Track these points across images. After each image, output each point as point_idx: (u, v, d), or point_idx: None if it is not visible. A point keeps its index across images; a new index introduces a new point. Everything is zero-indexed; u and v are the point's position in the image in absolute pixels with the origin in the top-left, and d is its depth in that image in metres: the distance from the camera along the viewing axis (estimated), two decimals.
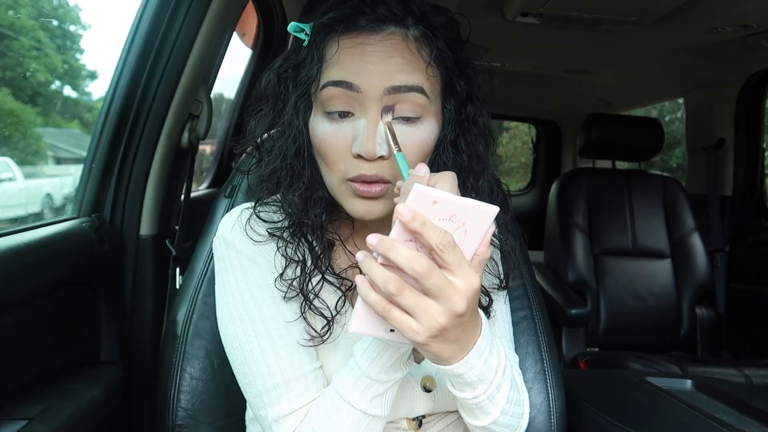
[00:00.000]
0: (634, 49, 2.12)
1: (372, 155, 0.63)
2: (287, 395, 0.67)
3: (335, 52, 0.65)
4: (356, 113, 0.65)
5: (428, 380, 0.73)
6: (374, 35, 0.65)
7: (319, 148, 0.68)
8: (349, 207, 0.68)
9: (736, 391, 1.05)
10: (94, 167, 1.18)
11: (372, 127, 0.64)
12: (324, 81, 0.65)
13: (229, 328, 0.70)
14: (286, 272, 0.71)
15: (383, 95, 0.63)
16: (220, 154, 2.03)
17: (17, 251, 0.88)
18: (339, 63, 0.65)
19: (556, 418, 0.93)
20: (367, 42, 0.64)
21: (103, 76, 2.73)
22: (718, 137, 2.46)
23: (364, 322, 0.55)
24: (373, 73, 0.63)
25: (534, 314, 0.98)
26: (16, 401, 0.86)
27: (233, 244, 0.72)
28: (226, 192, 0.98)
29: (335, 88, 0.64)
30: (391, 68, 0.64)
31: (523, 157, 3.93)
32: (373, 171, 0.65)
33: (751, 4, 1.56)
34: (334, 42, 0.65)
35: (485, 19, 1.84)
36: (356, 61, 0.64)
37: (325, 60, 0.66)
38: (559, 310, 2.07)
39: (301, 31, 0.69)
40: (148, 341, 1.25)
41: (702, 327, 2.25)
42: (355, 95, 0.64)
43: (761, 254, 2.30)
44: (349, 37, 0.65)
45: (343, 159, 0.66)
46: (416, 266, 0.49)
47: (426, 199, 0.50)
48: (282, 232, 0.72)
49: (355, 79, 0.63)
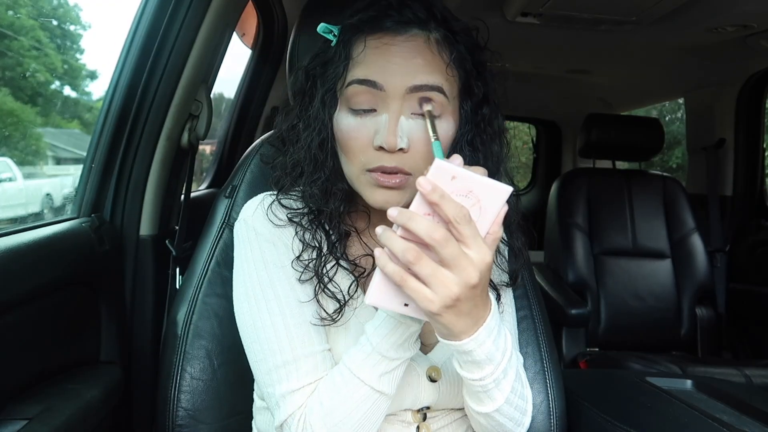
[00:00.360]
0: (634, 49, 2.12)
1: (393, 147, 0.66)
2: (296, 372, 0.68)
3: (362, 51, 0.69)
4: (379, 109, 0.69)
5: (434, 370, 0.75)
6: (399, 36, 0.69)
7: (342, 140, 0.71)
8: (368, 197, 0.71)
9: (736, 391, 1.05)
10: (94, 167, 1.18)
11: (393, 122, 0.67)
12: (350, 79, 0.69)
13: (244, 306, 0.73)
14: (303, 255, 0.73)
15: (405, 93, 0.67)
16: (220, 154, 2.03)
17: (17, 251, 0.88)
18: (365, 62, 0.69)
19: (556, 418, 0.93)
20: (392, 43, 0.69)
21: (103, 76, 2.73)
22: (718, 137, 2.46)
23: (382, 294, 0.57)
24: (396, 72, 0.67)
25: (534, 314, 0.99)
26: (16, 401, 0.86)
27: (253, 227, 0.75)
28: (226, 192, 0.98)
29: (360, 86, 0.68)
30: (413, 68, 0.68)
31: (523, 157, 3.93)
32: (393, 163, 0.68)
33: (751, 4, 1.57)
34: (361, 42, 0.70)
35: (485, 19, 1.84)
36: (381, 61, 0.68)
37: (352, 58, 0.70)
38: (559, 310, 2.07)
39: (330, 32, 0.74)
40: (148, 341, 1.25)
41: (702, 327, 2.25)
42: (378, 93, 0.68)
43: (761, 254, 2.30)
44: (376, 38, 0.69)
45: (364, 151, 0.69)
46: (434, 234, 0.51)
47: (445, 174, 0.53)
48: (301, 218, 0.75)
49: (379, 78, 0.68)
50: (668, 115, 7.08)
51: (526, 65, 2.59)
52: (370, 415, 0.65)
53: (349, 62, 0.70)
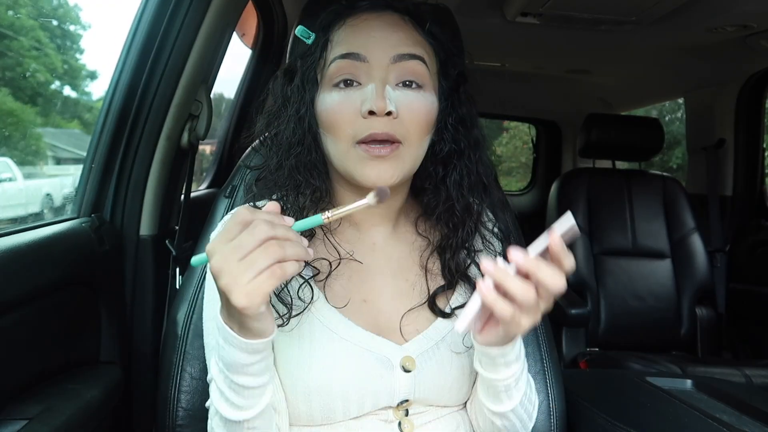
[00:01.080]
0: (634, 49, 2.12)
1: (382, 110, 0.67)
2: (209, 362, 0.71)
3: (340, 30, 0.72)
4: (363, 82, 0.70)
5: (408, 360, 0.73)
6: (376, 14, 0.73)
7: (328, 117, 0.71)
8: (359, 173, 0.70)
9: (736, 391, 1.05)
10: (94, 167, 1.18)
11: (380, 88, 0.68)
12: (332, 56, 0.71)
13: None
14: None
15: (389, 63, 0.70)
16: (220, 154, 2.03)
17: (17, 251, 0.88)
18: (345, 40, 0.71)
19: (556, 418, 0.93)
20: (370, 19, 0.72)
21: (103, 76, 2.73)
22: (718, 137, 2.46)
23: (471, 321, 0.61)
24: (377, 45, 0.70)
25: None
26: (16, 401, 0.86)
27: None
28: (226, 192, 0.98)
29: (343, 60, 0.70)
30: (394, 40, 0.71)
31: (523, 157, 3.93)
32: (383, 129, 0.68)
33: (751, 4, 1.57)
34: (340, 23, 0.72)
35: (485, 19, 1.85)
36: (362, 36, 0.71)
37: (331, 41, 0.72)
38: (559, 310, 2.07)
39: (308, 36, 0.76)
40: (148, 341, 1.25)
41: (702, 327, 2.25)
42: (361, 65, 0.69)
43: (761, 254, 2.30)
44: (354, 17, 0.72)
45: (352, 122, 0.69)
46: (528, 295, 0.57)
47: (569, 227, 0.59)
48: None
49: (362, 50, 0.70)
50: (668, 115, 7.08)
51: (526, 65, 2.59)
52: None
53: (327, 45, 0.72)
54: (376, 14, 0.72)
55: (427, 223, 0.82)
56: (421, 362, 0.73)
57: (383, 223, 0.80)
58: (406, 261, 0.80)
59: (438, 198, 0.78)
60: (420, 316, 0.77)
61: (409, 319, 0.76)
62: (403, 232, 0.82)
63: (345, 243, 0.78)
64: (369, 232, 0.80)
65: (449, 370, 0.75)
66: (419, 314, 0.77)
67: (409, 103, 0.69)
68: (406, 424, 0.74)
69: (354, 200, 0.60)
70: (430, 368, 0.74)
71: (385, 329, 0.75)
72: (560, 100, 3.22)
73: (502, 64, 2.53)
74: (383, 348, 0.72)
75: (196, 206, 1.38)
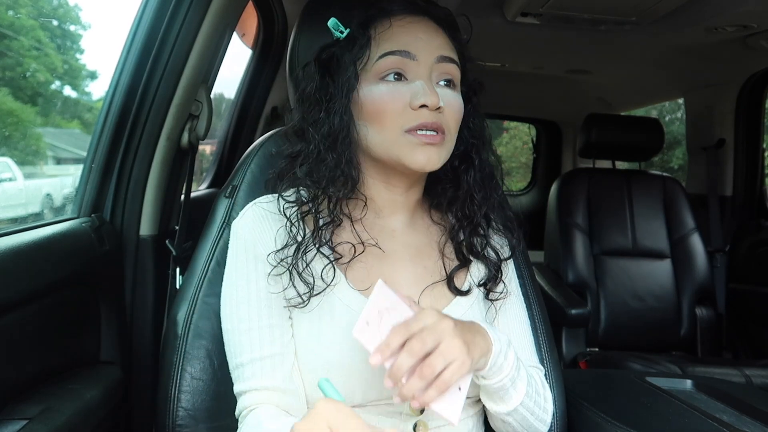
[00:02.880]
0: (634, 49, 2.12)
1: (435, 104, 0.73)
2: (241, 377, 0.76)
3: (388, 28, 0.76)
4: (410, 78, 0.75)
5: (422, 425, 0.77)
6: (418, 18, 0.78)
7: (376, 108, 0.75)
8: (409, 158, 0.74)
9: (736, 391, 1.05)
10: (94, 167, 1.18)
11: (430, 85, 0.74)
12: (381, 52, 0.75)
13: (221, 310, 0.80)
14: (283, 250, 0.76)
15: (434, 63, 0.75)
16: (220, 154, 2.03)
17: (17, 251, 0.88)
18: (392, 38, 0.75)
19: (556, 418, 0.93)
20: (415, 22, 0.77)
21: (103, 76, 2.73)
22: (718, 137, 2.46)
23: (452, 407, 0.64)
24: (424, 46, 0.75)
25: (534, 314, 0.99)
26: (16, 401, 0.86)
27: (236, 232, 0.80)
28: (226, 192, 0.98)
29: (393, 56, 0.74)
30: (438, 43, 0.77)
31: (523, 157, 3.94)
32: (433, 119, 0.73)
33: (751, 4, 1.56)
34: (386, 21, 0.76)
35: (485, 19, 1.84)
36: (409, 36, 0.75)
37: (374, 38, 0.76)
38: (559, 310, 2.07)
39: (338, 29, 0.79)
40: (148, 341, 1.25)
41: (702, 327, 2.25)
42: (410, 63, 0.75)
43: (761, 254, 2.30)
44: (400, 17, 0.77)
45: (402, 113, 0.74)
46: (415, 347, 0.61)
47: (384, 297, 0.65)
48: (293, 210, 0.78)
49: (411, 49, 0.75)
50: (668, 115, 7.08)
51: (526, 65, 2.59)
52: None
53: (369, 42, 0.76)
54: (418, 17, 0.78)
55: (440, 212, 0.87)
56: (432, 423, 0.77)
57: (403, 211, 0.84)
58: (425, 248, 0.84)
59: (456, 189, 0.84)
60: (438, 294, 0.81)
61: (428, 299, 0.80)
62: (419, 221, 0.86)
63: (368, 229, 0.81)
64: (389, 219, 0.83)
65: None
66: (438, 292, 0.81)
67: (450, 100, 0.76)
68: (420, 427, 0.76)
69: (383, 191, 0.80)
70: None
71: None
72: (560, 100, 3.22)
73: (502, 64, 2.53)
74: None
75: (196, 206, 1.38)
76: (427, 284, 0.81)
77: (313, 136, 0.77)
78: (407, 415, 0.76)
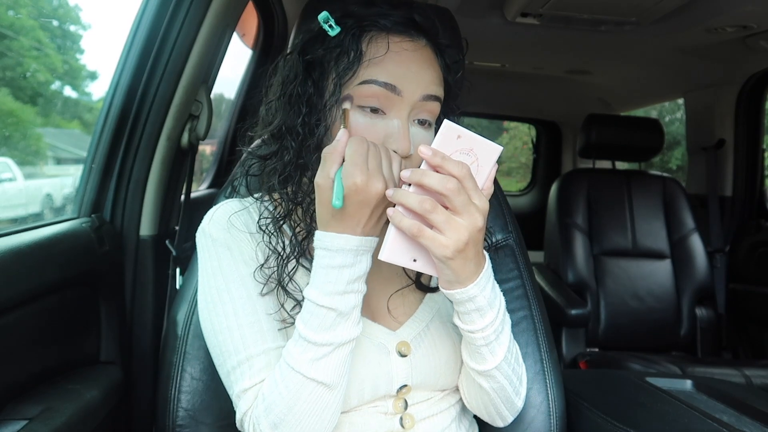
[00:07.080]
0: (634, 49, 2.12)
1: (406, 152, 0.70)
2: (249, 371, 0.70)
3: (385, 53, 0.70)
4: (389, 113, 0.71)
5: (403, 345, 0.77)
6: (415, 44, 0.72)
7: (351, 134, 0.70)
8: None
9: (736, 391, 1.05)
10: (94, 167, 1.18)
11: (406, 128, 0.70)
12: (368, 77, 0.70)
13: (204, 313, 0.74)
14: (267, 263, 0.74)
15: (417, 101, 0.71)
16: (220, 154, 2.03)
17: (17, 251, 0.88)
18: (384, 65, 0.70)
19: (555, 419, 0.93)
20: (411, 50, 0.72)
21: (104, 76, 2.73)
22: (718, 137, 2.46)
23: (394, 250, 0.63)
24: (413, 80, 0.70)
25: (533, 314, 0.99)
26: (16, 401, 0.86)
27: (210, 233, 0.76)
28: (226, 192, 0.98)
29: (377, 86, 0.69)
30: (427, 78, 0.72)
31: (523, 157, 3.93)
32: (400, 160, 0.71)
33: (751, 5, 1.57)
34: (383, 41, 0.71)
35: (485, 19, 1.85)
36: (401, 67, 0.70)
37: (365, 54, 0.70)
38: (559, 310, 2.07)
39: (328, 24, 0.71)
40: (148, 341, 1.25)
41: (702, 327, 2.26)
42: (394, 97, 0.70)
43: (761, 254, 2.30)
44: (398, 41, 0.71)
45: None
46: (448, 185, 0.59)
47: (453, 133, 0.62)
48: (269, 224, 0.75)
49: (399, 83, 0.70)
50: (668, 115, 7.08)
51: (526, 65, 2.59)
52: (312, 408, 0.65)
53: (361, 57, 0.70)
54: (415, 43, 0.72)
55: None
56: (416, 345, 0.77)
57: None
58: None
59: None
60: (408, 298, 0.81)
61: (397, 302, 0.80)
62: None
63: None
64: None
65: (442, 349, 0.78)
66: (407, 296, 0.81)
67: (419, 141, 0.71)
68: (407, 420, 0.77)
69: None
70: (424, 350, 0.77)
71: (377, 314, 0.78)
72: (560, 101, 3.22)
73: (502, 64, 2.53)
74: (379, 334, 0.76)
75: (196, 206, 1.38)
76: (397, 288, 0.80)
77: (291, 144, 0.73)
78: (390, 414, 0.76)
